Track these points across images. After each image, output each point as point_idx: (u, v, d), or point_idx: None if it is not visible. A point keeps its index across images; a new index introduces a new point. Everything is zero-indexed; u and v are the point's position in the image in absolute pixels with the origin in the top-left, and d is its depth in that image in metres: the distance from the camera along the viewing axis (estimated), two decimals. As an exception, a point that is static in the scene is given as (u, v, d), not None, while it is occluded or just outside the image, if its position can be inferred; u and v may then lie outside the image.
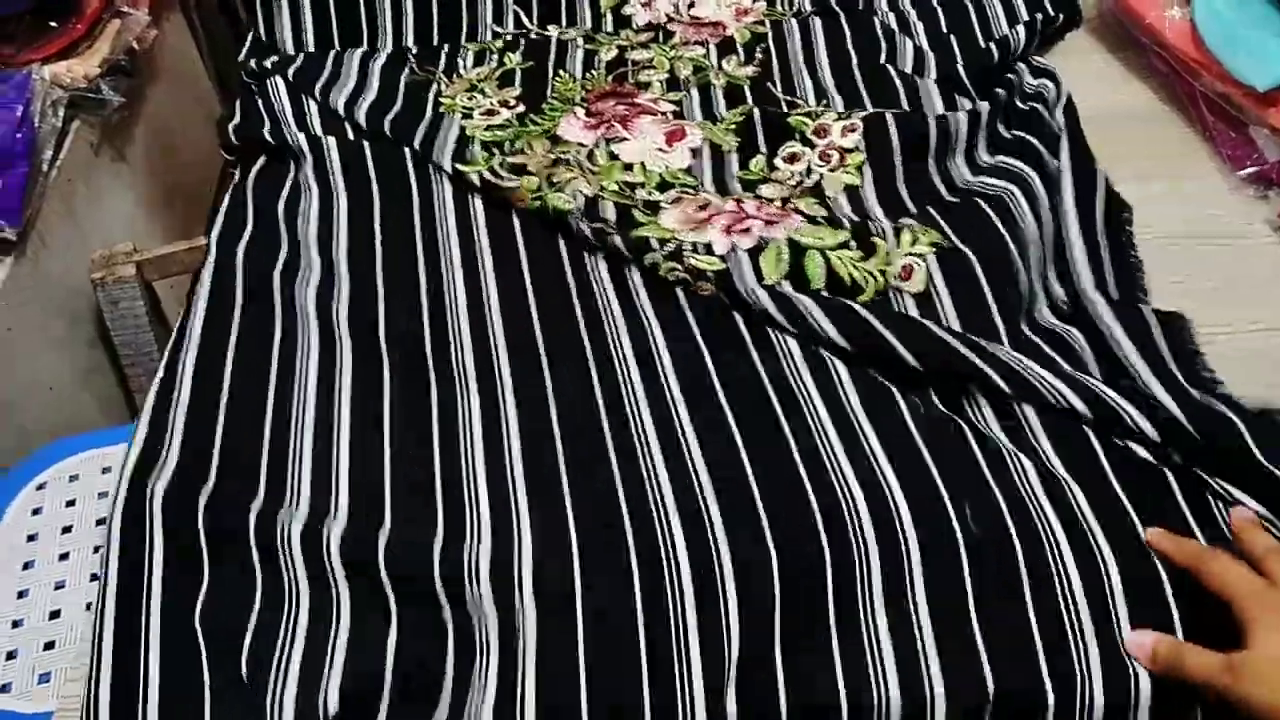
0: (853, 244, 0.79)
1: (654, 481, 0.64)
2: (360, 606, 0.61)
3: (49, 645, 0.78)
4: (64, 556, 0.83)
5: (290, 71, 1.05)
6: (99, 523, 0.85)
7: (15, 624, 0.79)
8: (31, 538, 0.85)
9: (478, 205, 0.89)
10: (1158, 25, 0.98)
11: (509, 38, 1.10)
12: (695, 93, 1.01)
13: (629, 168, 0.91)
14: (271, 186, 0.94)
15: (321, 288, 0.82)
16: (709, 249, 0.80)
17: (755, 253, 0.79)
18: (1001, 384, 0.66)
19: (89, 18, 1.16)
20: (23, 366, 1.00)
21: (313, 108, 1.01)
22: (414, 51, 1.10)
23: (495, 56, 1.09)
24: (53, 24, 1.13)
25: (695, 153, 0.92)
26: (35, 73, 1.06)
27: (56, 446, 0.91)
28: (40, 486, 0.88)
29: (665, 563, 0.60)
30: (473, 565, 0.61)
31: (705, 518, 0.62)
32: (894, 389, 0.69)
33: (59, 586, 0.81)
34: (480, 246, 0.85)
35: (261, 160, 0.98)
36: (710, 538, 0.61)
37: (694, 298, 0.78)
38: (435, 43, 1.14)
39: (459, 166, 0.91)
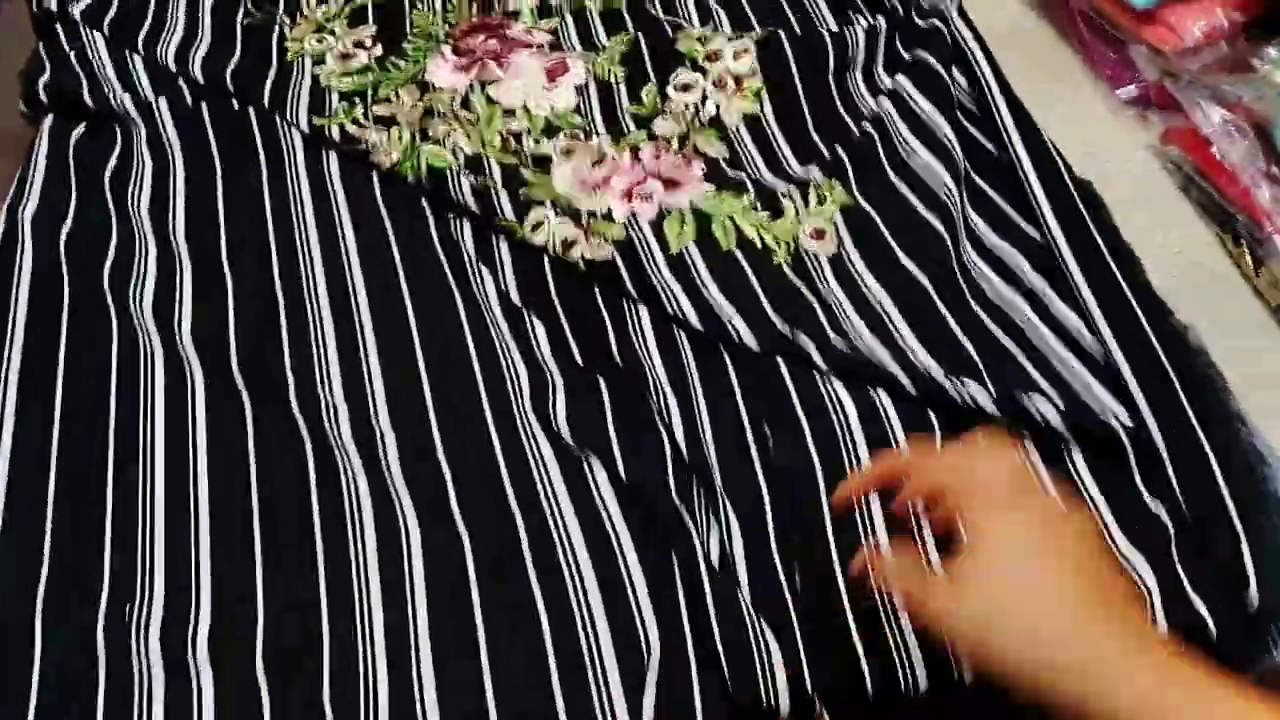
0: (758, 206, 0.74)
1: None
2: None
3: None
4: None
5: (106, 21, 0.92)
6: None
7: None
8: None
9: (333, 168, 0.80)
10: None
11: None
12: (570, 20, 0.93)
13: (510, 113, 0.83)
14: (95, 156, 0.83)
15: (159, 292, 0.73)
16: (609, 215, 0.74)
17: (658, 222, 0.74)
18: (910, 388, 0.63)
19: None
20: None
21: (138, 63, 0.89)
22: (247, -11, 0.98)
23: (341, -9, 0.97)
24: None
25: (581, 90, 0.85)
26: None
27: None
28: None
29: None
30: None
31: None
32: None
33: None
34: (340, 221, 0.77)
35: (82, 126, 0.86)
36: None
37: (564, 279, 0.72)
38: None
39: (315, 120, 0.81)
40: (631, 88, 0.85)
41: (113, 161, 0.83)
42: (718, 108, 0.83)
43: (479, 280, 0.72)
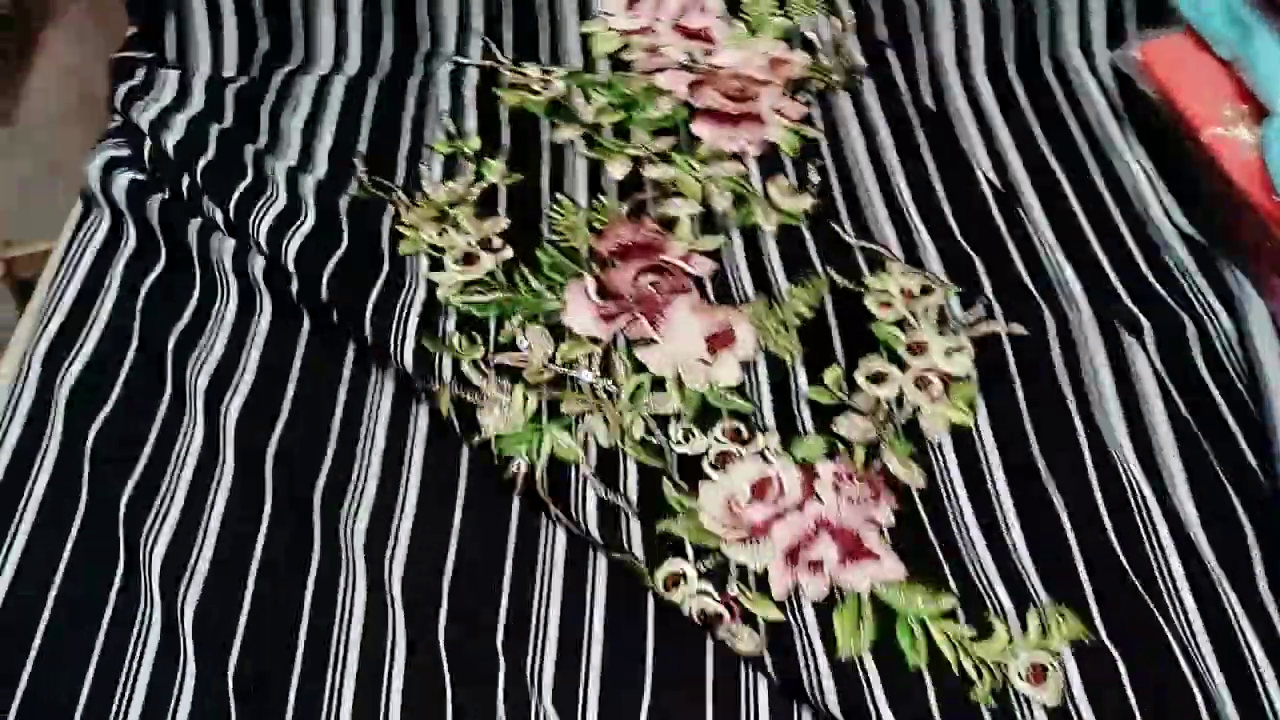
0: (960, 616, 0.57)
1: None
2: None
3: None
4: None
5: (199, 167, 0.78)
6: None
7: None
8: None
9: (421, 419, 0.68)
10: (1215, 146, 0.74)
11: (477, 146, 0.84)
12: (738, 239, 0.77)
13: (659, 384, 0.67)
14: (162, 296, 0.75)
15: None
16: (763, 582, 0.58)
17: (827, 609, 0.57)
18: None
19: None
20: None
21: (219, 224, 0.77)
22: (362, 153, 0.83)
23: (470, 164, 0.82)
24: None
25: (747, 364, 0.69)
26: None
27: None
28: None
29: None
30: None
31: None
32: None
33: None
34: (405, 484, 0.65)
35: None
36: None
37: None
38: (388, 63, 0.91)
39: (425, 344, 0.67)
40: (811, 368, 0.68)
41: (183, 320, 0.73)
42: (917, 412, 0.66)
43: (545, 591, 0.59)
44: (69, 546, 0.61)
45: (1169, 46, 0.80)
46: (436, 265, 0.75)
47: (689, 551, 0.59)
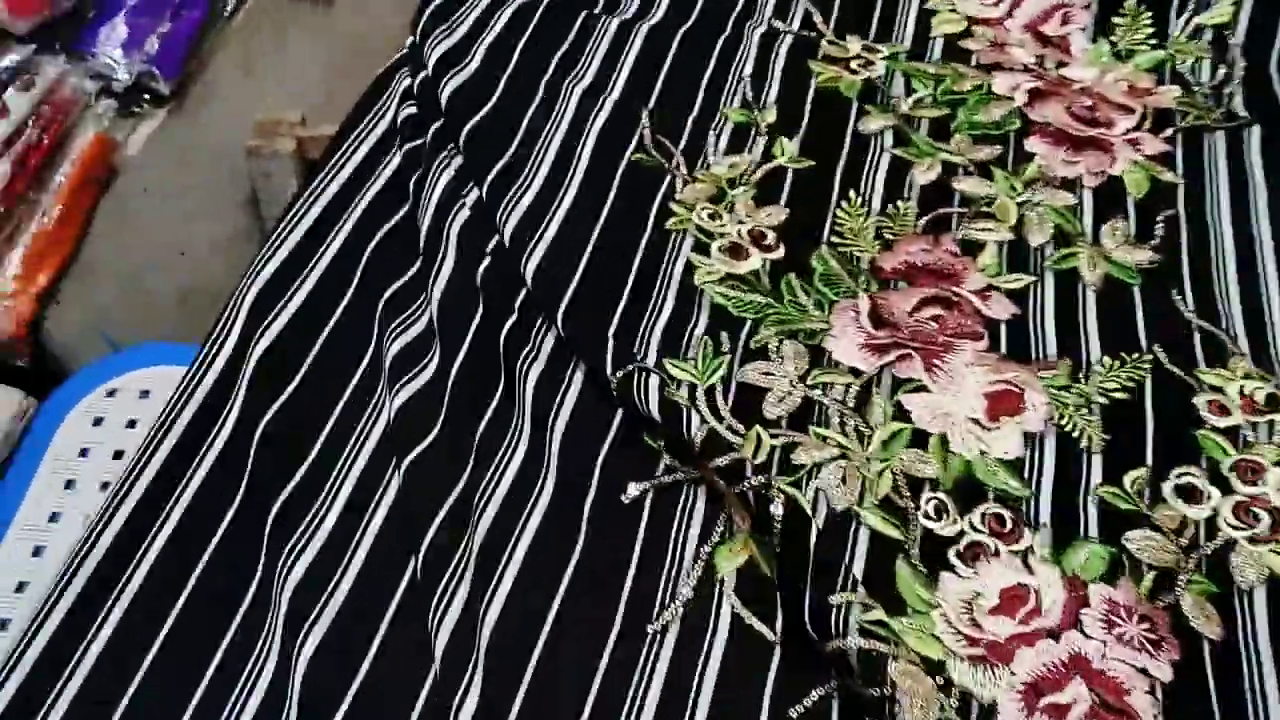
0: None
1: None
2: None
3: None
4: (104, 486, 0.68)
5: (470, 126, 0.74)
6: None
7: (36, 551, 0.66)
8: (83, 453, 0.71)
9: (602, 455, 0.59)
10: None
11: (773, 120, 0.75)
12: (1051, 284, 0.65)
13: (920, 441, 0.58)
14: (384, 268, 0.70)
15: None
16: (988, 718, 0.48)
17: None
18: None
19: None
20: (156, 230, 0.90)
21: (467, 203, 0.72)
22: (650, 109, 0.77)
23: (762, 139, 0.74)
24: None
25: (1032, 439, 0.58)
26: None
27: (141, 352, 0.78)
28: (111, 393, 0.74)
29: None
30: None
31: None
32: None
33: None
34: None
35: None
36: None
37: None
38: (698, 17, 0.83)
39: (670, 369, 0.60)
40: (1110, 464, 0.57)
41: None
42: (1233, 549, 0.54)
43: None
44: (207, 555, 0.57)
45: None
46: (701, 249, 0.68)
47: (897, 673, 0.50)
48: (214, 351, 0.65)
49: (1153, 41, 0.79)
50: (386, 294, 0.68)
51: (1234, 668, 0.51)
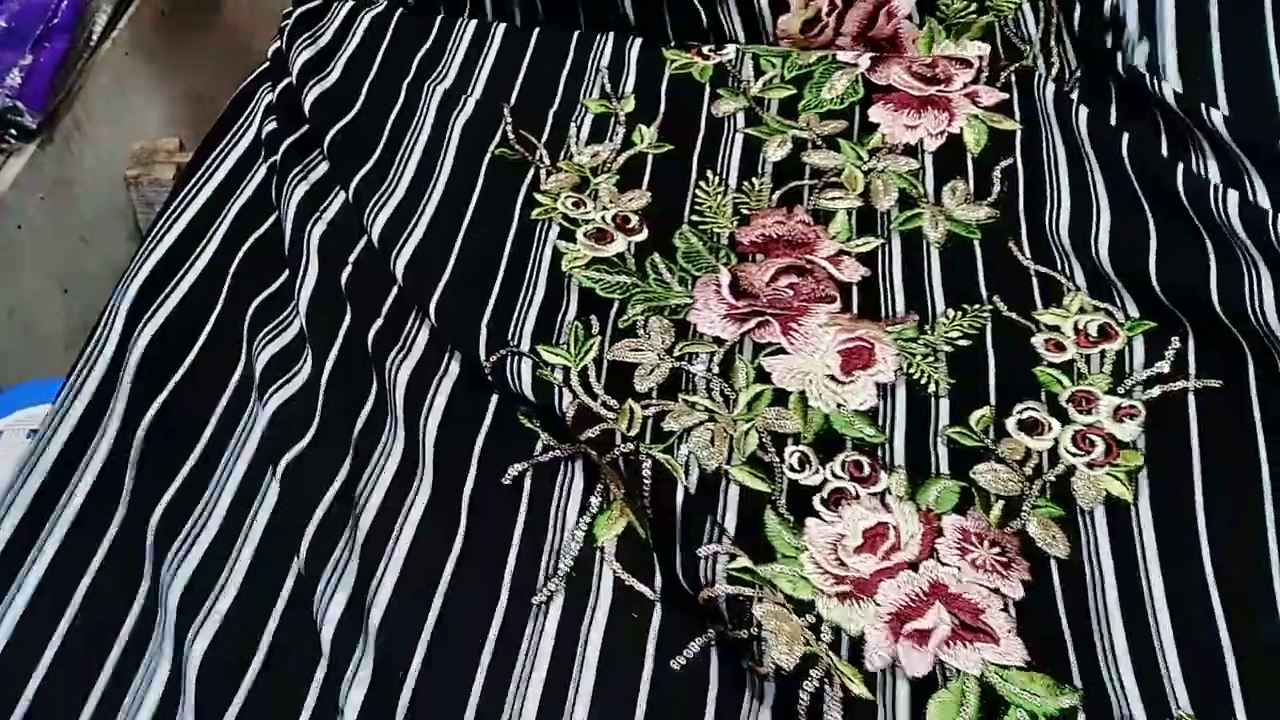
0: (1083, 709, 0.49)
1: None
2: None
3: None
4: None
5: (335, 130, 0.76)
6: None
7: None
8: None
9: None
10: None
11: (631, 108, 0.78)
12: (898, 245, 0.69)
13: (782, 399, 0.61)
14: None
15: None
16: (856, 649, 0.51)
17: (925, 688, 0.50)
18: None
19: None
20: (35, 268, 0.89)
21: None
22: (511, 103, 0.79)
23: (622, 127, 0.77)
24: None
25: (884, 389, 0.61)
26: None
27: (25, 390, 0.75)
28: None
29: None
30: None
31: None
32: None
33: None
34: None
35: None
36: None
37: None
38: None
39: (543, 354, 0.62)
40: (957, 404, 0.61)
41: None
42: (1072, 474, 0.58)
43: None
44: (97, 560, 0.58)
45: None
46: (567, 236, 0.70)
47: (781, 604, 0.53)
48: (92, 360, 0.65)
49: (974, 7, 0.83)
50: (255, 303, 0.69)
51: (1079, 583, 0.54)
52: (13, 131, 0.95)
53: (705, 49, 0.82)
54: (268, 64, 0.83)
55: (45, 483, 0.60)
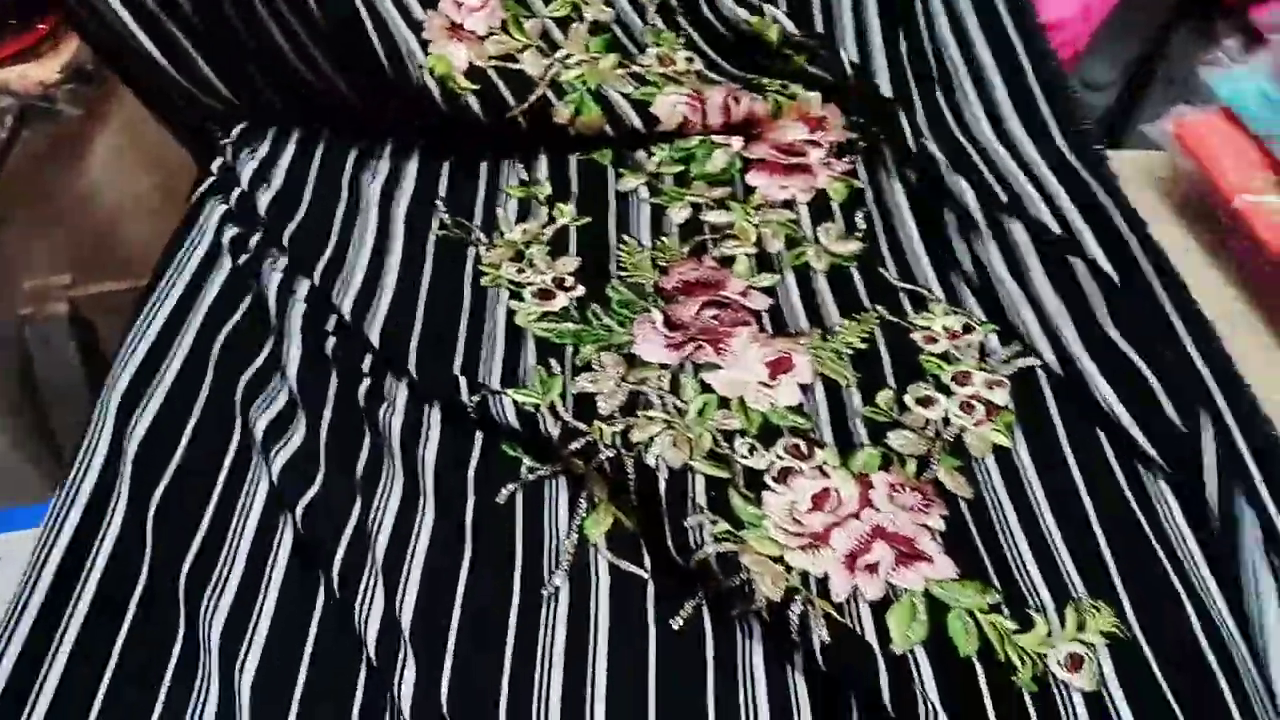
0: (1005, 610, 0.62)
1: None
2: None
3: None
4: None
5: (289, 229, 0.85)
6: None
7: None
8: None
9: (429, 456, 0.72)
10: (1246, 211, 0.80)
11: (548, 192, 0.91)
12: (792, 278, 0.83)
13: (725, 404, 0.73)
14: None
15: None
16: (824, 587, 0.63)
17: (882, 606, 0.62)
18: None
19: (56, 16, 0.97)
20: None
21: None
22: (442, 196, 0.90)
23: (544, 208, 0.89)
24: (12, 21, 0.99)
25: (805, 388, 0.74)
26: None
27: None
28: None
29: None
30: None
31: None
32: None
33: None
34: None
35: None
36: None
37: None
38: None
39: (515, 396, 0.72)
40: (865, 391, 0.74)
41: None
42: (962, 432, 0.72)
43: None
44: (127, 621, 0.63)
45: (1202, 124, 0.87)
46: (516, 296, 0.81)
47: (751, 567, 0.63)
48: (87, 459, 0.71)
49: (792, 88, 0.98)
50: (242, 380, 0.76)
51: (986, 518, 0.68)
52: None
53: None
54: (213, 179, 0.91)
55: (58, 570, 0.65)
